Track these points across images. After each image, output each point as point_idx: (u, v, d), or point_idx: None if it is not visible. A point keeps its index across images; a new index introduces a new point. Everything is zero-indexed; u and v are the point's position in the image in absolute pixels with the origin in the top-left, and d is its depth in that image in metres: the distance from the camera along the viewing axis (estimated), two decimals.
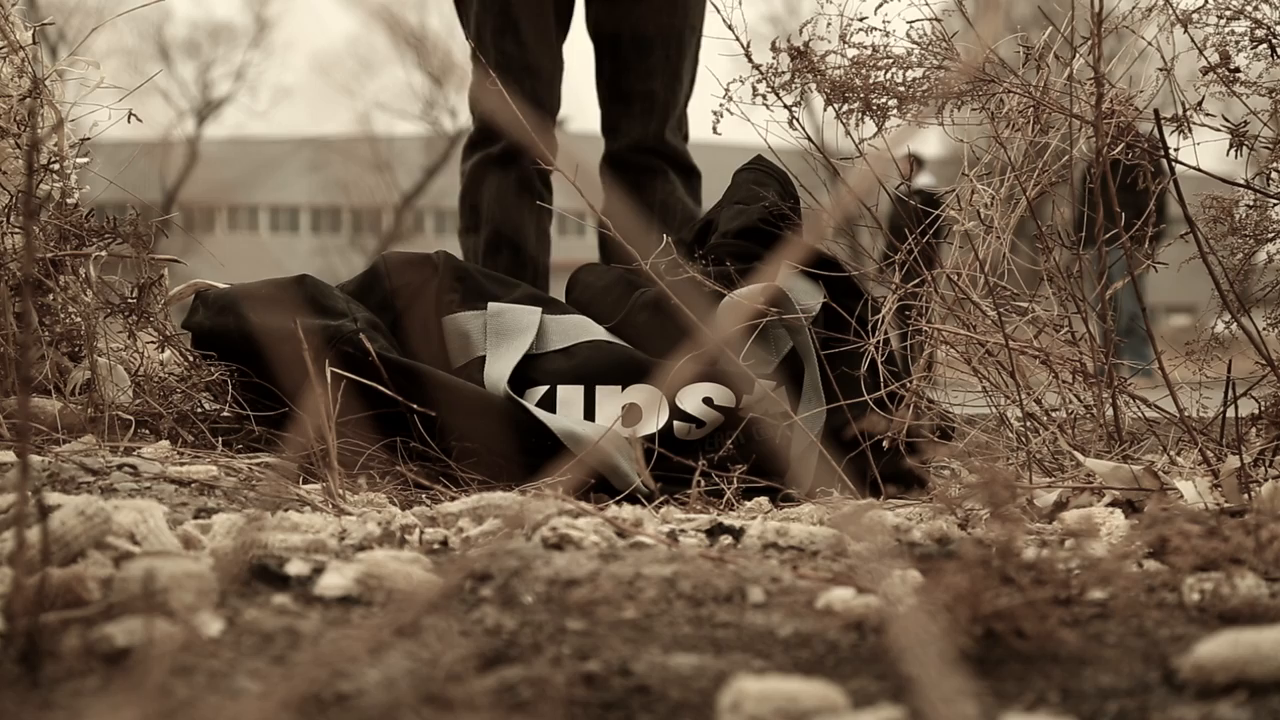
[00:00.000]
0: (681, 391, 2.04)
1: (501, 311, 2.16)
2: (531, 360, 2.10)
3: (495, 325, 2.14)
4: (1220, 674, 0.89)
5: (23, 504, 0.96)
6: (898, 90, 1.86)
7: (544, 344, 2.13)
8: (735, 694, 0.83)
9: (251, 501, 1.57)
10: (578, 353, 2.12)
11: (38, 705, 0.86)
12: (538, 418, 1.99)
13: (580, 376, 2.09)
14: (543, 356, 2.12)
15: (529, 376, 2.08)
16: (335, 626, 1.01)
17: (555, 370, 2.10)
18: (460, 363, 2.13)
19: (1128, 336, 2.56)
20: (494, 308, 2.16)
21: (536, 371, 2.10)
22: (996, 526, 1.02)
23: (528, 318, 2.15)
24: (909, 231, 1.96)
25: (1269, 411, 1.76)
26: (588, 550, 1.19)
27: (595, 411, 2.06)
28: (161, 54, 31.21)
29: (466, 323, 2.15)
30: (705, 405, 2.02)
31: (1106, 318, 1.91)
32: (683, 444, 2.00)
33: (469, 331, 2.14)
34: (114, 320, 2.06)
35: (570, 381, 2.08)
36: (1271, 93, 1.78)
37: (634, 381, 2.07)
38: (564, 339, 2.15)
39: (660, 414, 2.02)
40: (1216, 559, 1.13)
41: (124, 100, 2.19)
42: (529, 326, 2.14)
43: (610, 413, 2.04)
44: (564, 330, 2.16)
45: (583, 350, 2.12)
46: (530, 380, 2.08)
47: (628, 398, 2.06)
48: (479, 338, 2.14)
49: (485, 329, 2.14)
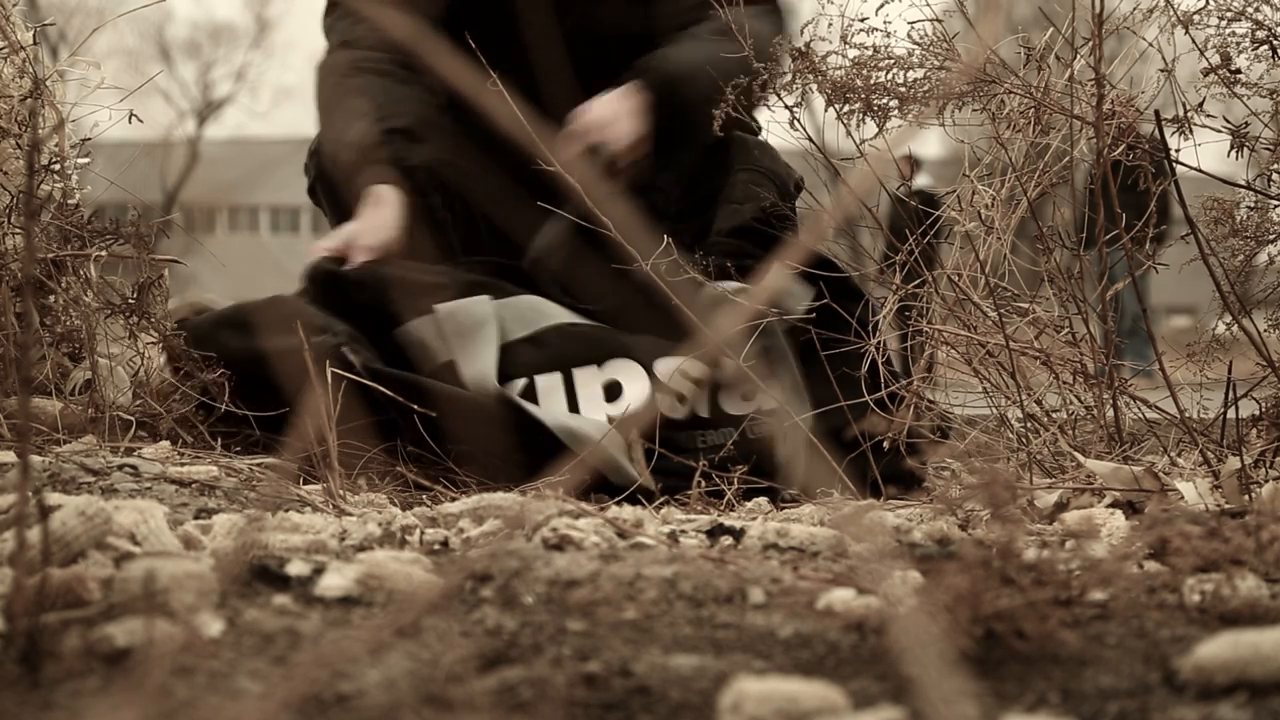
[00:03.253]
0: (658, 364, 2.04)
1: (453, 311, 2.09)
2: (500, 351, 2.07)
3: (451, 326, 2.08)
4: (1221, 675, 0.89)
5: (23, 504, 0.96)
6: (899, 91, 1.86)
7: (506, 333, 2.09)
8: (736, 695, 0.83)
9: (252, 502, 1.57)
10: (547, 341, 2.09)
11: (38, 705, 0.86)
12: (532, 416, 1.98)
13: (555, 363, 2.07)
14: (510, 347, 2.08)
15: (503, 370, 2.05)
16: (336, 627, 1.01)
17: (529, 361, 2.07)
18: (427, 370, 2.07)
19: (1130, 337, 2.57)
20: (442, 309, 2.09)
21: (508, 365, 2.06)
22: (997, 527, 1.02)
23: (480, 310, 2.10)
24: (909, 232, 1.96)
25: (1270, 413, 1.76)
26: (588, 551, 1.19)
27: (577, 395, 2.05)
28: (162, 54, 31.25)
29: (419, 330, 2.09)
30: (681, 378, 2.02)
31: (1107, 319, 1.91)
32: (675, 426, 2.00)
33: (424, 339, 2.08)
34: (114, 321, 2.06)
35: (546, 370, 2.06)
36: (1272, 94, 1.78)
37: (610, 358, 2.07)
38: (524, 325, 2.11)
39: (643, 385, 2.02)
40: (1217, 560, 1.13)
41: (125, 101, 2.19)
42: (485, 318, 2.09)
43: (592, 394, 2.04)
44: (520, 315, 2.12)
45: (551, 337, 2.10)
46: (505, 375, 2.05)
47: (607, 374, 2.05)
48: (437, 343, 2.08)
49: (441, 333, 2.08)
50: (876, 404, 1.86)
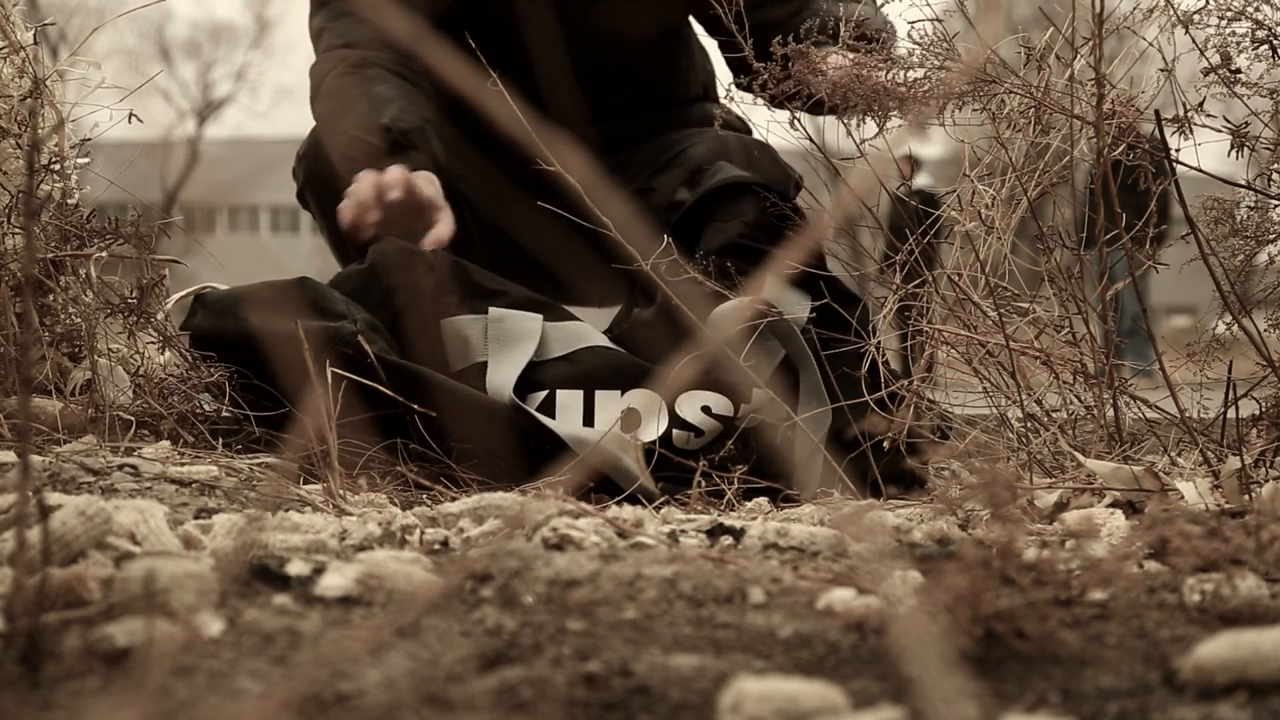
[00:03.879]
0: (681, 399, 2.03)
1: (503, 317, 2.13)
2: (533, 366, 2.09)
3: (496, 331, 2.12)
4: (1221, 675, 0.89)
5: (23, 504, 0.96)
6: (899, 91, 1.86)
7: (545, 351, 2.12)
8: (736, 694, 0.83)
9: (252, 502, 1.57)
10: (578, 358, 2.11)
11: (38, 705, 0.86)
12: (543, 424, 1.98)
13: (580, 381, 2.08)
14: (544, 363, 2.11)
15: (529, 380, 2.08)
16: (336, 627, 1.01)
17: (555, 376, 2.09)
18: (459, 367, 2.10)
19: (1130, 337, 2.57)
20: (495, 313, 2.13)
21: (537, 376, 2.09)
22: (997, 527, 1.02)
23: (529, 324, 2.13)
24: (909, 232, 1.96)
25: (1270, 412, 1.76)
26: (588, 551, 1.19)
27: (595, 416, 2.05)
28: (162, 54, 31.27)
29: (466, 327, 2.13)
30: (704, 414, 2.02)
31: (1107, 319, 1.91)
32: (682, 453, 1.99)
33: (468, 336, 2.12)
34: (114, 321, 2.06)
35: (570, 386, 2.07)
36: (1272, 94, 1.78)
37: (633, 386, 2.07)
38: (564, 346, 2.13)
39: (660, 420, 2.01)
40: (1217, 560, 1.13)
41: (125, 101, 2.19)
42: (531, 334, 2.12)
43: (609, 418, 2.04)
44: (565, 338, 2.14)
45: (583, 356, 2.12)
46: (531, 385, 2.08)
47: (627, 402, 2.05)
48: (479, 343, 2.11)
49: (486, 334, 2.12)
50: (877, 404, 1.86)
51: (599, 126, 2.52)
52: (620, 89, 2.57)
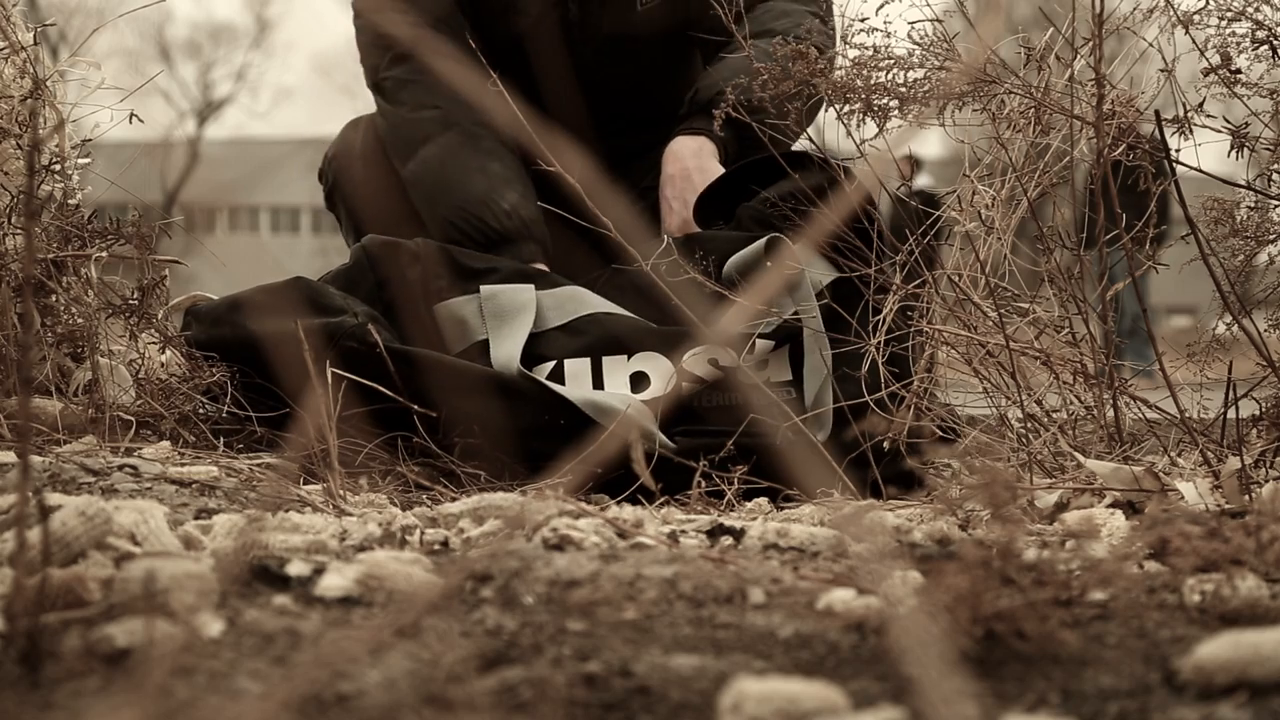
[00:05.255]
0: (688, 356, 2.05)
1: (496, 293, 2.15)
2: (533, 338, 2.11)
3: (491, 308, 2.14)
4: (1221, 675, 0.89)
5: (23, 504, 0.96)
6: (899, 91, 1.86)
7: (543, 321, 2.14)
8: (736, 695, 0.83)
9: (252, 502, 1.57)
10: (580, 328, 2.13)
11: (38, 706, 0.86)
12: (556, 392, 1.99)
13: (586, 350, 2.09)
14: (544, 335, 2.12)
15: (535, 354, 2.10)
16: (336, 627, 1.01)
17: (560, 346, 2.11)
18: (459, 349, 2.12)
19: (1130, 337, 2.56)
20: (487, 290, 2.15)
21: (541, 349, 2.11)
22: (997, 528, 1.02)
23: (523, 296, 2.15)
24: (909, 232, 1.96)
25: (1270, 413, 1.76)
26: (588, 551, 1.19)
27: (604, 381, 2.07)
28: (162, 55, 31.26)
29: (460, 308, 2.15)
30: (711, 366, 2.04)
31: (1107, 319, 1.91)
32: (688, 413, 2.00)
33: (464, 317, 2.14)
34: (115, 321, 2.06)
35: (576, 355, 2.09)
36: (1272, 94, 1.78)
37: (640, 350, 2.08)
38: (562, 314, 2.15)
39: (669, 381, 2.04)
40: (1217, 560, 1.13)
41: (125, 101, 2.19)
42: (526, 305, 2.14)
43: (619, 383, 2.06)
44: (560, 304, 2.16)
45: (585, 325, 2.13)
46: (537, 358, 2.09)
47: (634, 366, 2.08)
48: (476, 322, 2.13)
49: (481, 312, 2.14)
50: (876, 404, 1.86)
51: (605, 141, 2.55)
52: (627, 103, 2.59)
